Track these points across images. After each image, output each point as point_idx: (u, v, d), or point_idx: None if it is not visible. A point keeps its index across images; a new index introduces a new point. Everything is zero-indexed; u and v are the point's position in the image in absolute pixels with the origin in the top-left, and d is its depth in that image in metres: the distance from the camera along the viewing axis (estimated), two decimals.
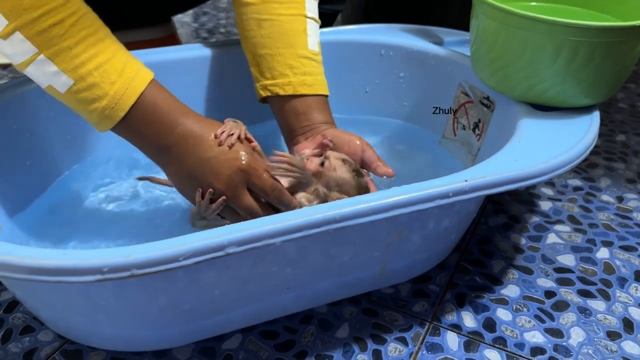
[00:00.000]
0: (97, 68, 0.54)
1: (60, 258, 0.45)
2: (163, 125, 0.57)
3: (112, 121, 0.56)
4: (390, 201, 0.52)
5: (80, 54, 0.54)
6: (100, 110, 0.55)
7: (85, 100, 0.55)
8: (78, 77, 0.54)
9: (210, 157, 0.56)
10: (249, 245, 0.48)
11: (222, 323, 0.61)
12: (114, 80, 0.55)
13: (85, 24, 0.54)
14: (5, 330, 0.64)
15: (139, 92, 0.56)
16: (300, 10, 0.70)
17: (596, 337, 0.64)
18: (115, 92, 0.55)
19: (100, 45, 0.55)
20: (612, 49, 0.62)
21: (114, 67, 0.55)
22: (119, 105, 0.55)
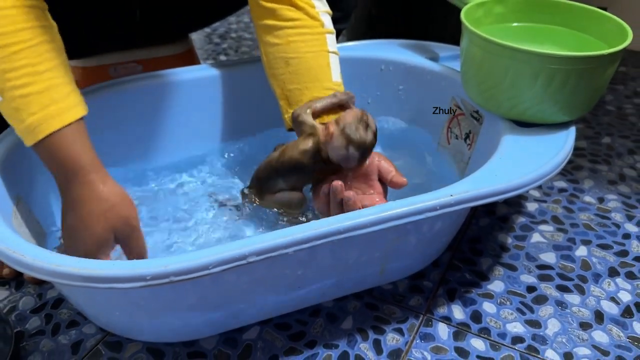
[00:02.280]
0: (23, 97, 0.59)
1: (111, 268, 0.54)
2: (60, 170, 0.62)
3: (26, 142, 0.61)
4: (387, 215, 0.61)
5: (12, 80, 0.59)
6: (18, 131, 0.61)
7: (9, 117, 0.61)
8: (7, 97, 0.59)
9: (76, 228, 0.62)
10: (267, 254, 0.57)
11: (243, 317, 0.71)
12: (34, 112, 0.59)
13: (30, 55, 0.59)
14: (54, 324, 0.73)
15: (49, 131, 0.60)
16: (322, 47, 0.77)
17: (570, 328, 0.73)
18: (30, 124, 0.60)
19: (35, 77, 0.59)
20: (585, 75, 0.70)
21: (40, 101, 0.59)
22: (32, 135, 0.60)
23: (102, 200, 0.62)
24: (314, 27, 0.77)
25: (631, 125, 1.16)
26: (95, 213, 0.62)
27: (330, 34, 0.79)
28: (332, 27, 0.79)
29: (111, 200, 0.62)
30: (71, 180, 0.62)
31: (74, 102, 0.62)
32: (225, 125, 0.93)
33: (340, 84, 0.78)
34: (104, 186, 0.62)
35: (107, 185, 0.63)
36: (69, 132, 0.61)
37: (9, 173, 0.69)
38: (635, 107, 1.23)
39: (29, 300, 0.77)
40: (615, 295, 0.77)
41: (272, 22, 0.77)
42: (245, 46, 1.54)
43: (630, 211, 0.93)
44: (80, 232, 0.62)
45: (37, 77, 0.60)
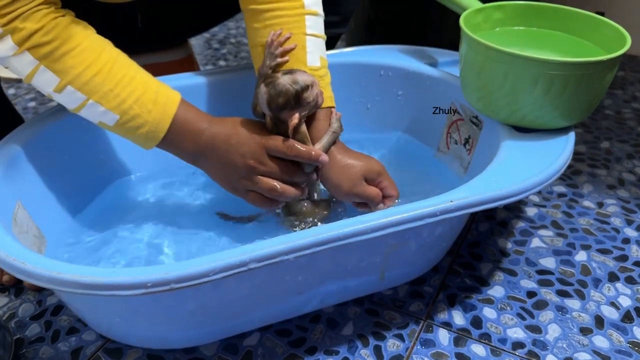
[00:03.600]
0: (136, 101, 0.67)
1: (111, 276, 0.54)
2: (194, 134, 0.70)
3: (156, 141, 0.69)
4: (387, 221, 0.61)
5: (120, 94, 0.66)
6: (145, 134, 0.68)
7: (131, 129, 0.68)
8: (122, 112, 0.67)
9: (233, 145, 0.69)
10: (267, 261, 0.57)
11: (243, 323, 0.71)
12: (150, 109, 0.67)
13: (119, 68, 0.67)
14: (53, 331, 0.73)
15: (172, 114, 0.68)
16: (300, 29, 0.75)
17: (570, 333, 0.73)
18: (154, 118, 0.68)
19: (134, 82, 0.67)
20: (583, 80, 0.70)
21: (149, 97, 0.67)
22: (159, 127, 0.68)
23: (240, 138, 0.69)
24: (293, 8, 0.75)
25: (630, 129, 1.17)
26: (230, 149, 0.69)
27: (311, 15, 0.76)
28: (316, 8, 0.76)
29: (230, 135, 0.70)
30: (201, 144, 0.70)
31: (168, 88, 0.70)
32: None
33: (317, 68, 0.75)
34: (224, 129, 0.70)
35: (225, 127, 0.70)
36: (182, 107, 0.70)
37: (9, 180, 0.69)
38: (634, 112, 1.23)
39: (28, 307, 0.77)
40: (615, 300, 0.77)
41: (254, 7, 0.76)
42: (245, 51, 1.55)
43: (630, 216, 0.93)
44: (227, 174, 0.71)
45: (135, 82, 0.67)
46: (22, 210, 0.69)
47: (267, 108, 0.69)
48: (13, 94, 1.32)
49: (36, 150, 0.75)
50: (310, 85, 0.69)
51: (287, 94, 0.68)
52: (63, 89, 0.65)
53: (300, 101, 0.69)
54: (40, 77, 0.64)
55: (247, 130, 0.70)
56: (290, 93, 0.68)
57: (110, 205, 0.84)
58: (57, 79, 0.64)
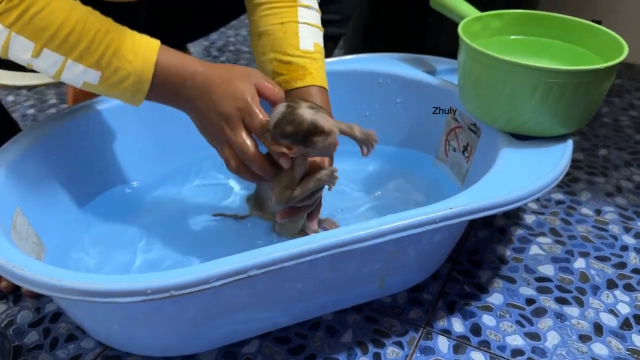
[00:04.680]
0: (114, 54, 0.64)
1: (111, 283, 0.54)
2: (179, 80, 0.67)
3: (143, 92, 0.67)
4: (386, 228, 0.61)
5: (98, 48, 0.64)
6: (130, 86, 0.66)
7: (116, 83, 0.66)
8: (102, 67, 0.64)
9: (216, 98, 0.66)
10: (267, 268, 0.57)
11: (242, 330, 0.71)
12: (131, 59, 0.65)
13: (92, 24, 0.64)
14: (52, 338, 0.73)
15: (153, 60, 0.66)
16: (292, 18, 0.77)
17: (569, 340, 0.73)
18: (135, 68, 0.65)
19: (109, 35, 0.65)
20: (581, 88, 0.71)
21: (126, 48, 0.65)
22: (143, 77, 0.65)
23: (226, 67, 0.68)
24: (286, 1, 0.77)
25: (627, 137, 1.17)
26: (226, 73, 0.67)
27: (304, 7, 0.78)
28: (309, 2, 0.78)
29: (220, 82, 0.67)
30: (186, 90, 0.67)
31: (144, 37, 0.67)
32: None
33: (311, 52, 0.76)
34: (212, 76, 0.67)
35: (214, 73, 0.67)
36: (163, 52, 0.67)
37: (8, 186, 0.70)
38: (631, 120, 1.24)
39: (27, 314, 0.76)
40: (614, 308, 0.78)
41: (254, 2, 0.79)
42: (244, 59, 1.55)
43: (628, 223, 0.93)
44: (210, 124, 0.67)
45: (111, 35, 0.64)
46: (21, 217, 0.69)
47: (273, 127, 0.65)
48: (12, 100, 1.32)
49: (35, 157, 0.75)
50: (327, 132, 0.64)
51: (299, 127, 0.63)
52: (40, 53, 0.63)
53: (307, 141, 0.64)
54: (15, 46, 0.62)
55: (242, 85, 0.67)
56: (302, 128, 0.63)
57: (109, 212, 0.84)
58: (31, 43, 0.62)
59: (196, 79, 0.67)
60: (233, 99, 0.66)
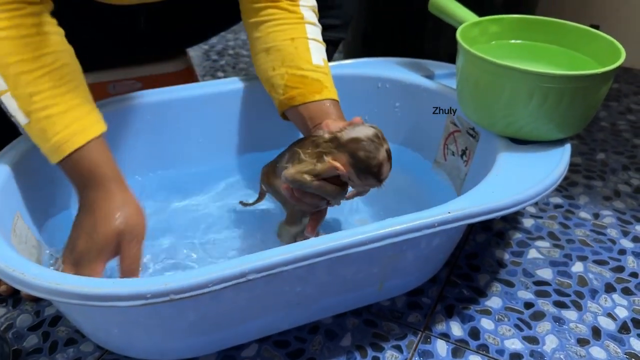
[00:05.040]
0: (47, 118, 0.64)
1: (111, 286, 0.54)
2: (83, 181, 0.66)
3: (52, 160, 0.66)
4: (385, 232, 0.61)
5: (38, 102, 0.63)
6: (45, 150, 0.66)
7: (35, 137, 0.66)
8: (32, 119, 0.64)
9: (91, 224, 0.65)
10: (266, 272, 0.57)
11: (241, 334, 0.71)
12: (58, 132, 0.64)
13: (53, 77, 0.64)
14: (51, 342, 0.73)
15: (73, 147, 0.64)
16: (301, 34, 0.78)
17: (567, 344, 0.73)
18: (55, 142, 0.64)
19: (57, 99, 0.64)
20: (578, 93, 0.71)
21: (63, 121, 0.64)
22: (57, 153, 0.65)
23: (116, 206, 0.65)
24: (293, 18, 0.78)
25: (625, 141, 1.18)
26: (107, 215, 0.65)
27: (310, 25, 0.79)
28: (314, 20, 0.80)
29: (125, 208, 0.66)
30: (92, 188, 0.66)
31: (94, 119, 0.67)
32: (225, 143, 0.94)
33: (322, 67, 0.78)
34: (122, 195, 0.67)
35: (124, 194, 0.67)
36: (91, 147, 0.66)
37: (8, 191, 0.70)
38: (629, 124, 1.24)
39: (26, 317, 0.77)
40: (612, 311, 0.78)
41: (255, 19, 0.79)
42: (243, 63, 1.56)
43: (626, 227, 0.93)
44: (88, 230, 0.65)
45: (60, 99, 0.64)
46: (21, 221, 0.69)
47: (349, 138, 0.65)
48: None
49: (35, 162, 0.75)
50: (382, 179, 0.67)
51: (369, 159, 0.65)
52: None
53: (362, 174, 0.66)
54: None
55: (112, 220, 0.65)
56: (370, 162, 0.65)
57: None
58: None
59: (88, 197, 0.66)
60: (122, 229, 0.65)
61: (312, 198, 0.69)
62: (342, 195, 0.69)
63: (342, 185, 0.68)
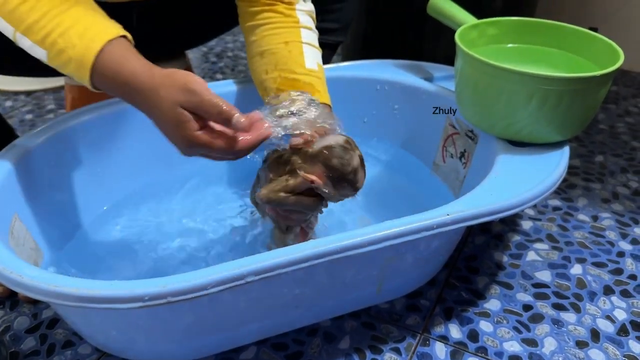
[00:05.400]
0: (61, 35, 0.61)
1: (109, 289, 0.54)
2: (119, 77, 0.61)
3: (85, 79, 0.62)
4: (384, 234, 0.61)
5: (46, 25, 0.61)
6: (73, 71, 0.62)
7: (61, 64, 0.62)
8: (48, 46, 0.61)
9: (160, 100, 0.60)
10: (265, 274, 0.57)
11: (239, 336, 0.71)
12: (75, 44, 0.61)
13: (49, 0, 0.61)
14: (49, 344, 0.73)
15: (96, 50, 0.60)
16: (296, 38, 0.78)
17: (566, 346, 0.73)
18: (76, 53, 0.61)
19: (63, 15, 0.61)
20: (578, 95, 0.71)
21: (76, 31, 0.61)
22: (83, 65, 0.61)
23: (153, 90, 0.60)
24: (288, 22, 0.78)
25: (623, 143, 1.18)
26: (155, 104, 0.60)
27: (306, 29, 0.78)
28: (310, 25, 0.79)
29: (161, 83, 0.60)
30: (130, 92, 0.61)
31: (108, 24, 0.63)
32: None
33: (316, 71, 0.77)
34: (152, 77, 0.61)
35: (154, 75, 0.61)
36: (113, 48, 0.61)
37: (6, 192, 0.69)
38: (627, 126, 1.24)
39: (23, 320, 0.76)
40: (611, 314, 0.78)
41: (252, 23, 0.79)
42: (242, 65, 1.56)
43: (624, 229, 0.93)
44: (162, 129, 0.62)
45: (65, 15, 0.61)
46: (18, 223, 0.69)
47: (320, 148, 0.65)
48: (10, 106, 1.32)
49: (33, 164, 0.75)
50: (357, 187, 0.66)
51: (344, 166, 0.64)
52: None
53: (338, 183, 0.65)
54: None
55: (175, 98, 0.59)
56: (345, 170, 0.65)
57: (107, 218, 0.84)
58: None
59: (137, 79, 0.61)
60: (176, 98, 0.59)
61: (298, 213, 0.69)
62: (322, 204, 0.69)
63: (318, 196, 0.68)
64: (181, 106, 0.59)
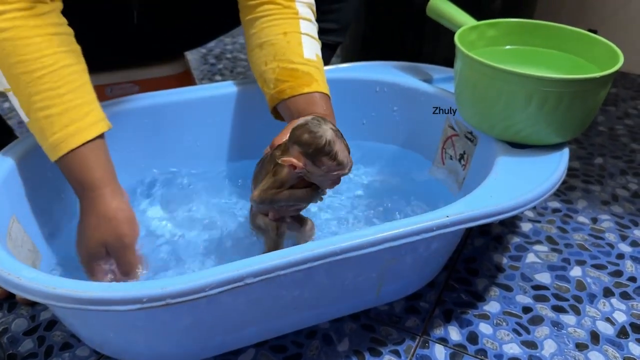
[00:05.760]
0: (47, 118, 0.65)
1: (107, 290, 0.54)
2: (77, 184, 0.67)
3: (50, 159, 0.67)
4: (383, 236, 0.61)
5: (37, 102, 0.65)
6: (43, 146, 0.67)
7: (36, 134, 0.67)
8: (32, 119, 0.66)
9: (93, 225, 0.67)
10: (264, 276, 0.57)
11: (238, 339, 0.70)
12: (55, 132, 0.65)
13: (52, 79, 0.65)
14: (47, 346, 0.73)
15: (68, 149, 0.65)
16: (295, 29, 0.78)
17: (566, 349, 0.73)
18: (53, 141, 0.65)
19: (56, 100, 0.65)
20: (577, 97, 0.71)
21: (61, 121, 0.65)
22: (54, 152, 0.66)
23: (101, 215, 0.66)
24: (287, 14, 0.78)
25: (623, 146, 1.18)
26: (92, 225, 0.66)
27: (305, 20, 0.78)
28: (309, 16, 0.79)
29: (110, 216, 0.66)
30: (85, 192, 0.67)
31: (93, 120, 0.67)
32: (223, 146, 0.93)
33: (314, 61, 0.77)
34: (110, 201, 0.67)
35: (113, 200, 0.67)
36: (86, 150, 0.66)
37: (4, 194, 0.69)
38: (627, 128, 1.24)
39: (21, 322, 0.76)
40: (611, 316, 0.78)
41: (251, 16, 0.79)
42: (241, 67, 1.55)
43: (624, 231, 0.93)
44: (80, 239, 0.68)
45: (58, 100, 0.65)
46: (16, 225, 0.69)
47: (291, 131, 0.64)
48: (9, 107, 1.32)
49: (31, 165, 0.75)
50: (340, 161, 0.63)
51: (316, 139, 0.62)
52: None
53: (316, 158, 0.63)
54: None
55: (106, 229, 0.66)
56: (318, 142, 0.62)
57: None
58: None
59: (90, 193, 0.66)
60: (106, 238, 0.66)
61: (294, 210, 0.69)
62: (318, 193, 0.68)
63: (311, 185, 0.67)
64: (105, 248, 0.67)
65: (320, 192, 0.68)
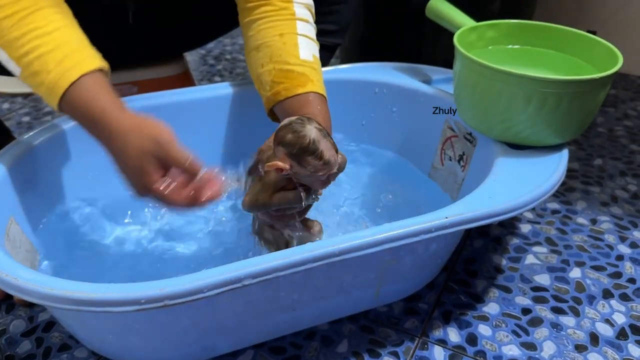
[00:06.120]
0: (38, 58, 0.61)
1: (105, 292, 0.53)
2: (87, 121, 0.63)
3: (53, 105, 0.63)
4: (382, 237, 0.61)
5: (25, 45, 0.61)
6: (43, 94, 0.63)
7: (33, 84, 0.63)
8: (23, 65, 0.62)
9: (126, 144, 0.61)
10: (262, 277, 0.57)
11: (237, 340, 0.70)
12: (50, 70, 0.61)
13: (36, 18, 0.61)
14: (45, 348, 0.72)
15: (70, 81, 0.61)
16: (291, 30, 0.77)
17: (565, 350, 0.73)
18: (50, 80, 0.61)
19: (45, 37, 0.61)
20: (577, 98, 0.71)
21: (54, 57, 0.61)
22: (53, 94, 0.61)
23: (126, 133, 0.61)
24: (284, 15, 0.78)
25: (622, 147, 1.18)
26: (121, 148, 0.61)
27: (302, 21, 0.78)
28: (307, 17, 0.78)
29: (135, 128, 0.61)
30: (100, 129, 0.62)
31: (87, 55, 0.63)
32: (222, 147, 0.93)
33: (311, 62, 0.76)
34: (128, 117, 0.62)
35: (129, 115, 0.62)
36: (87, 81, 0.62)
37: (2, 195, 0.69)
38: (626, 129, 1.24)
39: (19, 323, 0.76)
40: (610, 317, 0.77)
41: (249, 19, 0.79)
42: (240, 68, 1.55)
43: (623, 233, 0.93)
44: (123, 171, 0.63)
45: (47, 38, 0.61)
46: (14, 226, 0.69)
47: (276, 132, 0.63)
48: (7, 108, 1.32)
49: (30, 166, 0.75)
50: (326, 160, 0.61)
51: (299, 139, 0.61)
52: None
53: (301, 158, 0.61)
54: None
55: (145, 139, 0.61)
56: (302, 142, 0.61)
57: (104, 221, 0.84)
58: None
59: (104, 119, 0.62)
60: (144, 147, 0.61)
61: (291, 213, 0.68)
62: (310, 194, 0.66)
63: (302, 187, 0.66)
64: (148, 155, 0.60)
65: (313, 193, 0.67)
